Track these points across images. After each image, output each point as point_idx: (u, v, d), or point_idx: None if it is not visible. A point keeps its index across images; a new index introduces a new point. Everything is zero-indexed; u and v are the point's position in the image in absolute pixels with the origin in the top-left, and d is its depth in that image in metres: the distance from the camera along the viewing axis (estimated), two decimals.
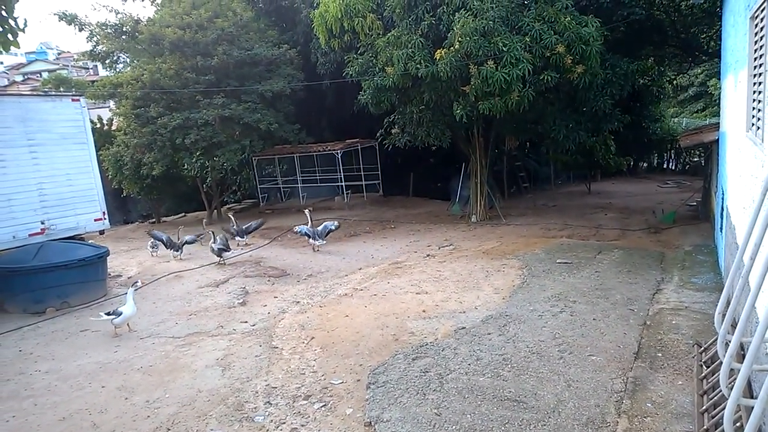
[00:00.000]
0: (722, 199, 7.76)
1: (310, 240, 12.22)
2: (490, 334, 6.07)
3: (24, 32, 7.22)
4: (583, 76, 10.99)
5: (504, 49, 10.49)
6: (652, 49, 15.78)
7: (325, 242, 12.30)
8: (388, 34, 12.13)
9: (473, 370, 5.16)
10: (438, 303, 7.34)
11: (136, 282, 8.22)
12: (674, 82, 23.29)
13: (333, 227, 12.46)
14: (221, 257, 11.16)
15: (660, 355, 5.29)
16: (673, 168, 26.88)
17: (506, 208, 15.26)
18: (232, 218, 13.74)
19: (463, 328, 6.31)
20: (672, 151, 25.85)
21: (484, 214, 14.31)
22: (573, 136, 12.69)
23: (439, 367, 5.27)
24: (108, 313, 7.20)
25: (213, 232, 11.52)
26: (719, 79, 12.38)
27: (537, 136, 14.93)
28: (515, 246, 10.68)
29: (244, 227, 13.02)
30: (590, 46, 10.73)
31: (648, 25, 13.74)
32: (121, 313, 7.14)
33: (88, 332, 7.40)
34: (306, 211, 13.08)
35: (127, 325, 7.35)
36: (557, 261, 9.14)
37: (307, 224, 12.43)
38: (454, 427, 4.21)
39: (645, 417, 4.20)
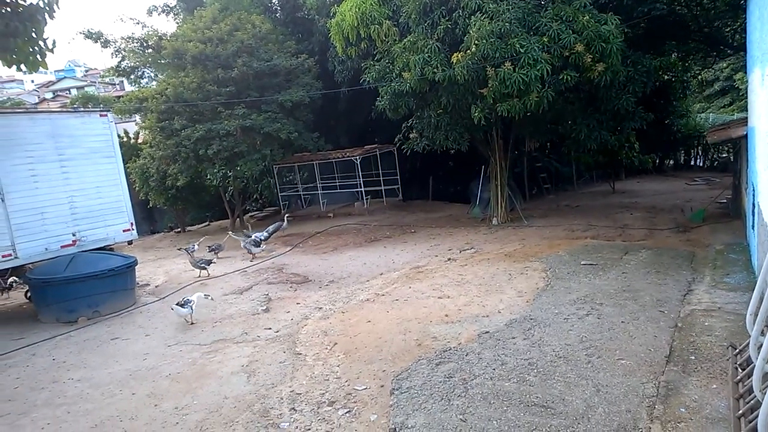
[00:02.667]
0: (753, 195, 7.53)
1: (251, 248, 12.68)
2: (514, 338, 5.98)
3: (53, 53, 7.52)
4: (604, 74, 10.82)
5: (521, 50, 10.40)
6: (675, 44, 15.46)
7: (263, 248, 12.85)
8: (404, 40, 12.15)
9: (498, 375, 5.08)
10: (460, 307, 7.27)
11: (208, 295, 8.44)
12: (699, 77, 22.75)
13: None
14: (206, 269, 11.16)
15: (693, 358, 5.14)
16: (701, 165, 26.17)
17: (528, 210, 15.09)
18: (243, 232, 13.89)
19: (487, 332, 6.23)
20: (699, 148, 25.22)
21: (505, 216, 14.17)
22: (595, 136, 12.50)
23: (463, 372, 5.21)
24: (180, 305, 7.75)
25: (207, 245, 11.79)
26: (746, 72, 12.07)
27: (558, 136, 14.77)
28: (538, 248, 10.53)
29: (259, 235, 13.22)
30: (610, 43, 10.56)
31: (670, 21, 13.48)
32: (191, 301, 7.77)
33: (119, 340, 7.57)
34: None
35: (189, 317, 7.82)
36: (582, 263, 8.97)
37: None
38: None
39: (679, 422, 4.08)
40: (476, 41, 10.65)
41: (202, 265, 11.00)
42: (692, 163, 26.61)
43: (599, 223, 12.64)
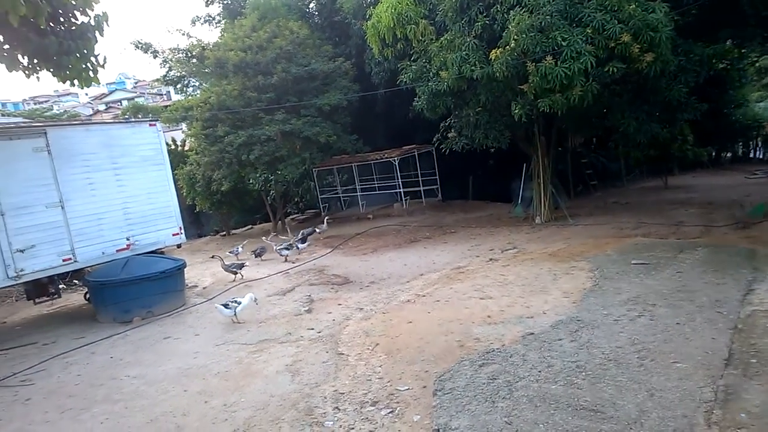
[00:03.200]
0: None
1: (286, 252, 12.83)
2: (560, 339, 5.79)
3: (104, 68, 7.93)
4: (653, 64, 10.37)
5: (563, 43, 10.10)
6: (729, 31, 14.68)
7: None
8: (441, 39, 12.04)
9: (544, 378, 4.92)
10: (503, 308, 7.10)
11: (255, 297, 8.61)
12: (757, 64, 21.54)
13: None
14: (237, 273, 11.28)
15: (754, 361, 4.83)
16: (761, 157, 24.77)
17: (573, 208, 14.65)
18: (279, 236, 14.02)
19: (532, 333, 6.06)
20: (759, 139, 23.87)
21: (549, 215, 13.81)
22: (644, 129, 12.03)
23: (507, 374, 5.07)
24: (226, 306, 7.97)
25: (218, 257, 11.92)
26: None
27: (604, 130, 14.29)
28: (584, 247, 10.19)
29: (287, 243, 13.40)
30: (659, 32, 10.12)
31: (723, 6, 12.80)
32: (239, 303, 8.00)
33: (170, 339, 7.82)
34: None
35: (234, 318, 8.09)
36: (632, 262, 8.59)
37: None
38: None
39: (738, 428, 3.85)
40: (515, 36, 10.43)
41: (234, 269, 11.18)
42: (751, 155, 25.23)
43: (651, 221, 12.11)
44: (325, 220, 15.99)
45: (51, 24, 7.13)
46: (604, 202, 15.87)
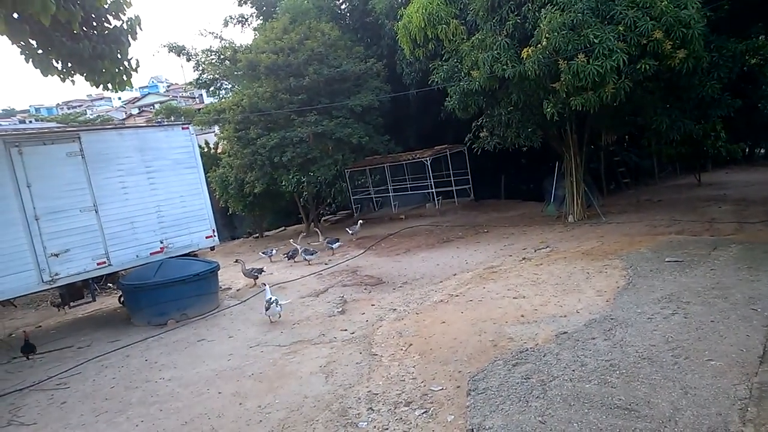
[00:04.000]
0: None
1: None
2: (594, 338, 5.80)
3: (137, 72, 8.00)
4: (686, 61, 10.20)
5: (595, 41, 10.01)
6: (762, 25, 14.27)
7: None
8: (472, 38, 12.07)
9: (578, 377, 4.96)
10: (536, 307, 7.13)
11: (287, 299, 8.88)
12: None
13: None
14: (257, 277, 11.29)
15: None
16: None
17: (606, 206, 14.47)
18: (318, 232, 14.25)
19: (565, 332, 6.08)
20: None
21: (582, 213, 13.67)
22: (677, 126, 11.82)
23: (541, 374, 5.12)
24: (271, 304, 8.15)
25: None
26: None
27: (636, 128, 14.07)
28: (618, 245, 10.09)
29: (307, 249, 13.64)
30: (692, 29, 9.94)
31: (755, 1, 12.48)
32: (277, 301, 8.21)
33: (205, 342, 8.00)
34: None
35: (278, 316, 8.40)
36: (666, 260, 8.50)
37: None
38: None
39: None
40: (547, 34, 10.38)
41: (255, 274, 11.19)
42: None
43: (684, 218, 11.91)
44: (358, 222, 16.17)
45: (84, 28, 7.19)
46: (637, 200, 15.61)
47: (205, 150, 21.37)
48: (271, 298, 8.31)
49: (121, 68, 7.78)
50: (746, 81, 14.27)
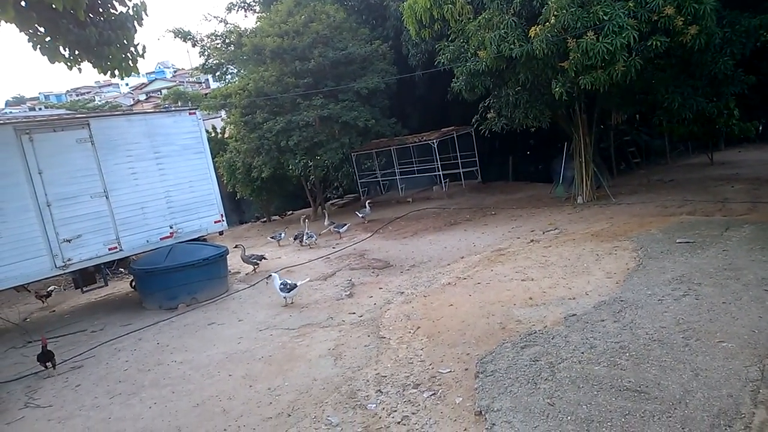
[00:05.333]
0: None
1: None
2: (603, 320, 5.76)
3: (143, 58, 7.98)
4: (698, 37, 9.95)
5: (605, 18, 9.80)
6: None
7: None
8: (479, 18, 11.84)
9: (587, 359, 4.94)
10: (545, 290, 7.09)
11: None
12: None
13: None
14: (257, 264, 11.28)
15: None
16: None
17: (616, 187, 14.33)
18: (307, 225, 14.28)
19: (574, 315, 6.05)
20: None
21: (591, 194, 13.55)
22: (690, 104, 11.59)
23: (549, 356, 5.11)
24: (285, 287, 8.29)
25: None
26: None
27: (647, 107, 13.81)
28: (627, 227, 9.99)
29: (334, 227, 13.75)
30: (703, 4, 9.68)
31: None
32: (296, 285, 8.33)
33: (215, 325, 8.08)
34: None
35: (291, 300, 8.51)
36: (677, 241, 8.40)
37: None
38: (569, 417, 4.08)
39: None
40: (555, 12, 10.18)
41: (254, 260, 11.20)
42: None
43: (696, 198, 11.75)
44: (366, 204, 16.14)
45: (90, 15, 7.18)
46: (648, 180, 15.42)
47: (213, 135, 21.40)
48: (286, 282, 8.36)
49: (128, 54, 7.78)
50: (760, 57, 13.93)
